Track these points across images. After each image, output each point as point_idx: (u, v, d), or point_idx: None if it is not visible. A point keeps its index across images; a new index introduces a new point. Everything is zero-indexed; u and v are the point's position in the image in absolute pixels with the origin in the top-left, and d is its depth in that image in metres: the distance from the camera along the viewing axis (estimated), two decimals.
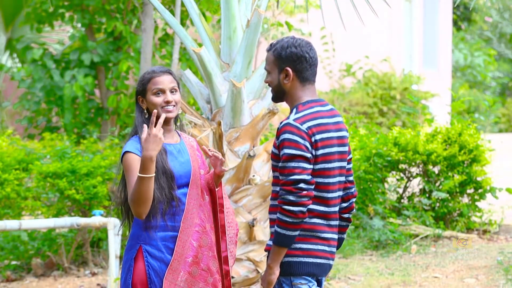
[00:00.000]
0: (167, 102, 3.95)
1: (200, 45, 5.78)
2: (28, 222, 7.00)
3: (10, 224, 6.81)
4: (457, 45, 25.88)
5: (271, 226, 3.92)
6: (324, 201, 3.88)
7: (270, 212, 3.95)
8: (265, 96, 5.73)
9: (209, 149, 4.04)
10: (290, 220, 3.75)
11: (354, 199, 4.08)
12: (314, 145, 3.82)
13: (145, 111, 3.98)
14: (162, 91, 3.95)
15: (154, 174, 3.77)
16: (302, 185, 3.75)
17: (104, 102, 11.56)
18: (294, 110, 3.88)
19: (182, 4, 9.68)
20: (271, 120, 6.44)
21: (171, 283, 3.85)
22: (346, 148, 3.95)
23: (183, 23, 10.63)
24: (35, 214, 8.68)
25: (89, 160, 8.46)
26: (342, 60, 17.17)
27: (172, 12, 10.20)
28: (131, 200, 3.81)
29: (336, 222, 3.96)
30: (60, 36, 14.36)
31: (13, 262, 8.47)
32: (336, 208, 3.94)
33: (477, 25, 27.80)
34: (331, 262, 3.95)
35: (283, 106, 15.73)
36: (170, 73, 4.00)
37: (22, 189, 8.44)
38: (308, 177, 3.76)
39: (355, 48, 17.51)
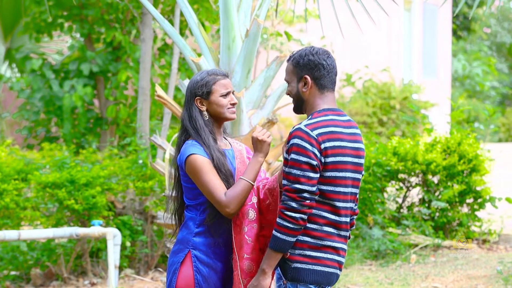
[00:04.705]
0: (234, 104, 4.02)
1: (199, 54, 5.79)
2: (27, 232, 6.99)
3: (9, 234, 6.80)
4: (456, 55, 25.93)
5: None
6: (335, 210, 3.84)
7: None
8: (264, 106, 5.73)
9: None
10: (291, 226, 3.73)
11: (355, 216, 4.05)
12: (324, 152, 3.78)
13: (205, 113, 4.00)
14: (228, 93, 4.00)
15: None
16: (305, 194, 3.73)
17: (103, 112, 11.56)
18: (309, 117, 3.86)
19: (181, 14, 9.70)
20: (270, 130, 6.42)
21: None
22: (362, 161, 3.91)
23: (182, 33, 10.65)
24: (34, 224, 8.67)
25: (88, 170, 8.46)
26: (342, 69, 17.18)
27: (171, 22, 10.22)
28: (232, 202, 3.85)
29: (347, 233, 3.92)
30: (59, 46, 14.39)
31: (12, 273, 8.45)
32: (347, 219, 3.90)
33: (477, 35, 27.85)
34: (338, 272, 3.91)
35: (282, 116, 15.74)
36: (228, 76, 4.07)
37: (21, 199, 8.43)
38: (312, 188, 3.75)
39: (355, 58, 17.53)
